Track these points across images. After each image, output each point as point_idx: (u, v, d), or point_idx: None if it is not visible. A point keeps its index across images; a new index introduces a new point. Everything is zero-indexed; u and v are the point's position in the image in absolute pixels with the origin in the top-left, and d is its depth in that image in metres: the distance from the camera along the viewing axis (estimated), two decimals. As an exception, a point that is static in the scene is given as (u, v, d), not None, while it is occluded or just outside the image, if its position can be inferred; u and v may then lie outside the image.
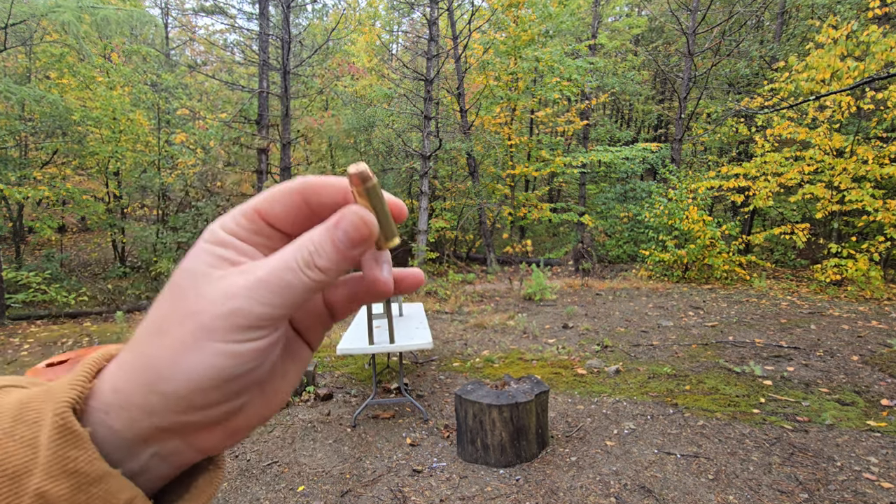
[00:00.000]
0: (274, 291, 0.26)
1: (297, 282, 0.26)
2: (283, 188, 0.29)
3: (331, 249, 0.27)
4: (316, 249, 0.27)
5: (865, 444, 2.95)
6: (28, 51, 10.35)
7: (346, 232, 0.27)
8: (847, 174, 8.41)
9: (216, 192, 12.82)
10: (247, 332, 0.26)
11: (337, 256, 0.27)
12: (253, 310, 0.25)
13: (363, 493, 2.66)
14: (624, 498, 2.51)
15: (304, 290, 0.27)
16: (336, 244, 0.27)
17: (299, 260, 0.27)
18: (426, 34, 12.00)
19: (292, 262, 0.27)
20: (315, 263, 0.27)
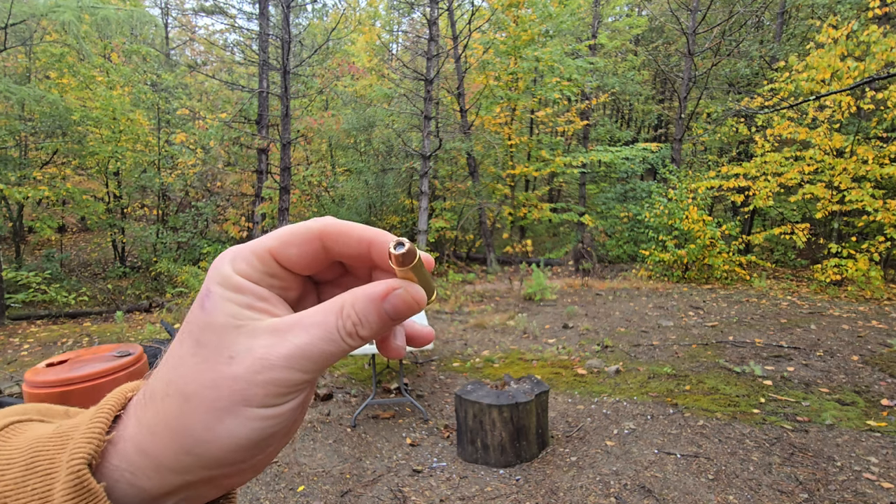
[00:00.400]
0: (314, 360, 0.26)
1: (337, 350, 0.26)
2: (300, 232, 0.28)
3: (376, 321, 0.27)
4: (360, 321, 0.27)
5: (865, 444, 2.95)
6: (28, 51, 10.35)
7: (396, 307, 0.27)
8: (847, 174, 8.41)
9: (216, 191, 12.82)
10: (285, 396, 0.25)
11: (381, 328, 0.27)
12: (292, 378, 0.25)
13: (363, 493, 2.66)
14: (624, 498, 2.51)
15: (341, 355, 0.27)
16: (383, 317, 0.27)
17: (342, 330, 0.26)
18: (426, 34, 12.00)
19: (334, 332, 0.26)
20: (358, 334, 0.27)
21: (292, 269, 0.29)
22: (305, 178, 12.08)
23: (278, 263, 0.28)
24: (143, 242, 11.23)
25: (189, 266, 8.63)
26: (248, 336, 0.25)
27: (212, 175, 12.90)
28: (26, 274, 8.12)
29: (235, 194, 12.92)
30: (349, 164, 14.37)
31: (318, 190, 13.02)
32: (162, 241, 10.97)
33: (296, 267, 0.29)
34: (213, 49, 16.23)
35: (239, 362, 0.25)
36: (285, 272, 0.29)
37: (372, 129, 13.53)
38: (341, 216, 12.63)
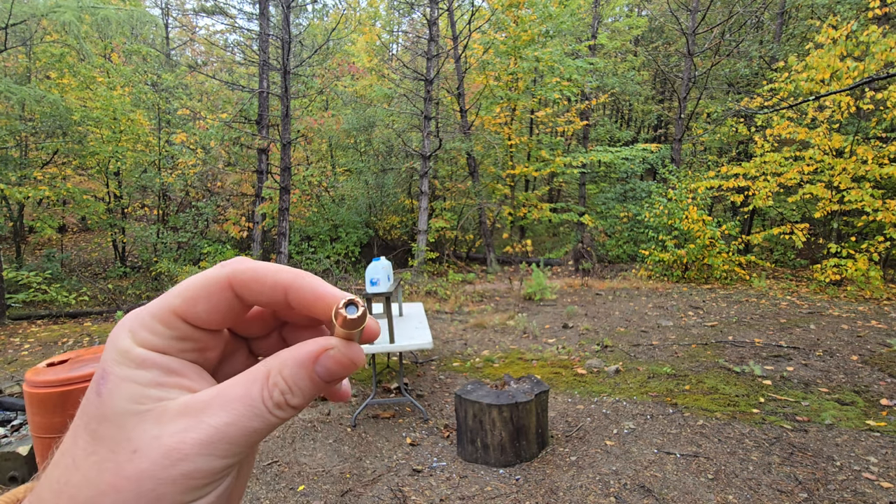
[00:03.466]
0: (237, 443, 0.22)
1: (265, 426, 0.22)
2: (204, 283, 0.24)
3: (308, 387, 0.23)
4: (290, 388, 0.23)
5: (865, 443, 2.96)
6: (28, 51, 10.36)
7: (330, 370, 0.24)
8: (846, 174, 8.42)
9: (216, 191, 12.83)
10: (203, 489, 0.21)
11: (314, 393, 0.24)
12: (213, 466, 0.21)
13: (363, 493, 2.67)
14: (624, 497, 2.51)
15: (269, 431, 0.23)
16: (316, 382, 0.24)
17: (268, 402, 0.22)
18: (426, 34, 12.00)
19: (260, 405, 0.22)
20: (288, 403, 0.23)
21: (205, 326, 0.25)
22: (305, 178, 12.09)
23: (187, 323, 0.24)
24: (143, 242, 11.23)
25: (189, 266, 8.64)
26: (155, 422, 0.21)
27: (212, 175, 12.90)
28: (27, 274, 8.12)
29: (236, 194, 12.92)
30: (349, 164, 14.38)
31: (318, 190, 13.03)
32: (162, 240, 10.98)
33: (209, 324, 0.25)
34: (213, 49, 16.23)
35: (144, 456, 0.20)
36: (198, 331, 0.25)
37: (372, 129, 13.54)
38: (341, 216, 12.65)
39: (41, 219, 10.24)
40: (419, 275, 10.30)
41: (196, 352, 0.25)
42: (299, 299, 0.25)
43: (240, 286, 0.24)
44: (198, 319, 0.24)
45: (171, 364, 0.23)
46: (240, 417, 0.22)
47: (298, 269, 0.26)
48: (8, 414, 3.38)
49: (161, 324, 0.23)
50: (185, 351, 0.24)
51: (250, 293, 0.25)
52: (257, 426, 0.22)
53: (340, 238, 12.41)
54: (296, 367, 0.23)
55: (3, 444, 2.91)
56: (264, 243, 11.94)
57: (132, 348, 0.23)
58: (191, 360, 0.25)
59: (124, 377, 0.22)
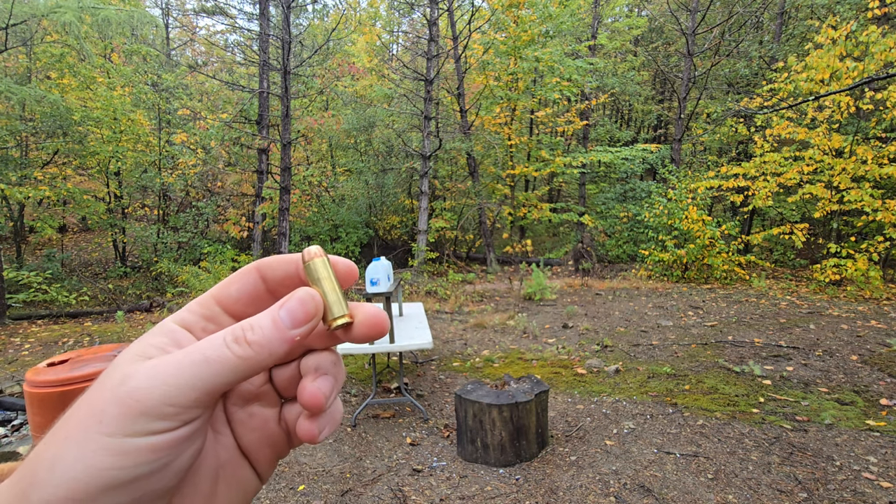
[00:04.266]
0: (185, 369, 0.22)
1: (219, 357, 0.22)
2: (238, 271, 0.28)
3: (268, 325, 0.24)
4: (251, 325, 0.24)
5: (864, 443, 2.96)
6: (29, 51, 10.36)
7: (291, 310, 0.25)
8: (846, 174, 8.42)
9: (217, 192, 12.84)
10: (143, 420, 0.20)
11: (275, 334, 0.24)
12: (153, 391, 0.21)
13: (363, 493, 2.67)
14: (623, 497, 2.52)
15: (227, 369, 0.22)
16: (276, 321, 0.24)
17: (227, 334, 0.24)
18: (426, 34, 12.01)
19: (219, 338, 0.23)
20: (246, 338, 0.23)
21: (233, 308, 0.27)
22: (306, 178, 12.09)
23: (220, 306, 0.27)
24: (143, 242, 11.24)
25: (190, 266, 8.64)
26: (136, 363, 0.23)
27: (212, 175, 12.91)
28: (27, 274, 8.13)
29: (236, 194, 12.93)
30: (349, 164, 14.39)
31: (319, 190, 13.03)
32: (163, 240, 10.98)
33: (237, 304, 0.27)
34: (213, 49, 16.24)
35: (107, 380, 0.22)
36: (226, 316, 0.27)
37: (372, 130, 13.54)
38: (341, 216, 12.66)
39: (41, 219, 10.25)
40: (419, 275, 10.30)
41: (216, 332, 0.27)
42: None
43: (264, 267, 0.28)
44: (229, 300, 0.27)
45: (183, 338, 0.25)
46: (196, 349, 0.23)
47: None
48: (8, 414, 3.38)
49: (197, 304, 0.27)
50: (207, 331, 0.26)
51: (271, 271, 0.28)
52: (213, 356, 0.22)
53: (340, 238, 12.41)
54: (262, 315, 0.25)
55: (4, 444, 2.92)
56: (264, 243, 11.94)
57: (166, 323, 0.26)
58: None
59: (142, 340, 0.24)
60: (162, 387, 0.21)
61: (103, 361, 2.19)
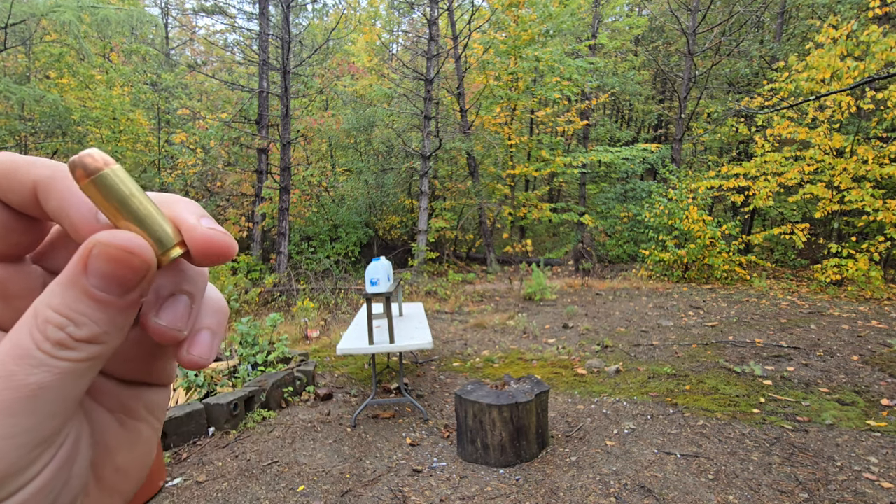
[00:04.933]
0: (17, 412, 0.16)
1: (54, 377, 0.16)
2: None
3: (91, 307, 0.17)
4: (69, 318, 0.17)
5: (865, 443, 2.95)
6: (28, 50, 10.36)
7: (105, 274, 0.17)
8: (847, 174, 8.41)
9: (216, 191, 12.83)
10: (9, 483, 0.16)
11: (105, 314, 0.18)
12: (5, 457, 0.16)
13: (363, 493, 2.66)
14: (624, 498, 2.51)
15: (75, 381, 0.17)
16: (96, 296, 0.17)
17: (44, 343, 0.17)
18: (426, 34, 12.00)
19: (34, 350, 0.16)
20: (73, 337, 0.17)
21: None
22: (305, 177, 12.09)
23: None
24: (143, 242, 11.21)
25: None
26: None
27: (212, 175, 12.90)
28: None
29: (235, 194, 12.92)
30: (349, 164, 14.38)
31: (318, 190, 13.02)
32: (162, 240, 10.96)
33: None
34: (213, 49, 16.22)
35: None
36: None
37: (372, 129, 13.54)
38: (341, 216, 12.65)
39: (41, 219, 10.23)
40: (419, 275, 10.29)
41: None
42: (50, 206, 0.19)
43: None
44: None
45: None
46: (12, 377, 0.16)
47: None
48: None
49: None
50: None
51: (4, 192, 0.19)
52: (43, 380, 0.16)
53: (340, 238, 12.41)
54: (64, 290, 0.17)
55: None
56: (264, 243, 11.94)
57: None
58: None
59: None
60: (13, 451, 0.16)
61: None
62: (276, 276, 9.12)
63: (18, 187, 0.19)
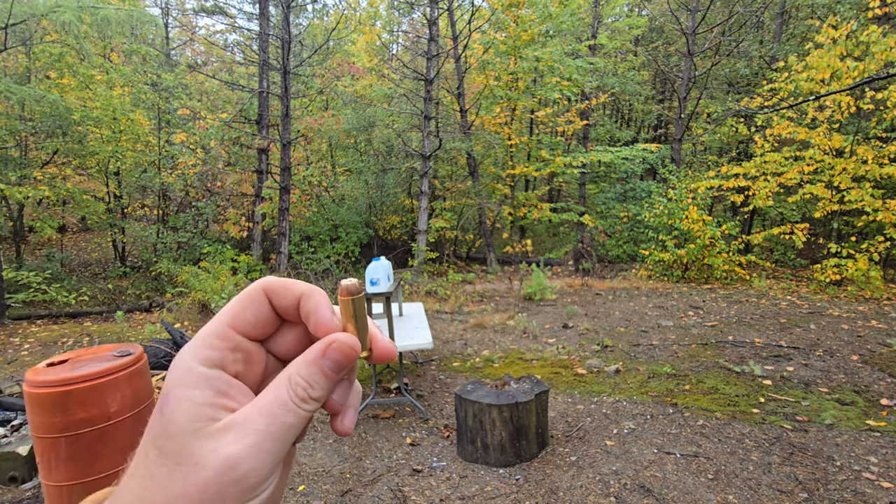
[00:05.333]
0: (279, 439, 0.26)
1: (297, 420, 0.27)
2: (245, 293, 0.30)
3: (322, 379, 0.28)
4: (309, 384, 0.28)
5: (865, 443, 2.96)
6: (28, 51, 10.35)
7: (335, 361, 0.28)
8: (847, 174, 8.42)
9: (216, 191, 12.83)
10: (258, 488, 0.25)
11: (329, 384, 0.29)
12: (264, 465, 0.25)
13: (363, 493, 2.67)
14: (624, 497, 2.51)
15: (304, 423, 0.27)
16: (327, 373, 0.28)
17: (295, 399, 0.27)
18: (426, 34, 12.00)
19: (289, 402, 0.27)
20: (311, 397, 0.27)
21: (251, 334, 0.30)
22: (305, 177, 12.09)
23: (239, 333, 0.29)
24: (143, 242, 11.23)
25: (189, 266, 8.64)
26: (209, 438, 0.25)
27: (212, 175, 12.90)
28: (27, 274, 8.12)
29: (236, 194, 12.92)
30: (349, 164, 14.38)
31: (318, 190, 13.02)
32: (162, 240, 10.98)
33: (254, 330, 0.30)
34: (213, 49, 16.23)
35: (206, 466, 0.24)
36: (247, 342, 0.29)
37: (372, 129, 13.54)
38: (341, 216, 12.65)
39: (41, 219, 10.24)
40: (419, 275, 10.30)
41: (245, 363, 0.29)
42: (305, 309, 0.30)
43: (271, 292, 0.30)
44: (247, 325, 0.29)
45: (222, 385, 0.27)
46: (276, 417, 0.26)
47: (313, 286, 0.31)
48: (8, 414, 3.38)
49: (218, 338, 0.28)
50: (238, 363, 0.29)
51: (278, 298, 0.30)
52: (292, 421, 0.26)
53: (340, 238, 12.41)
54: (308, 366, 0.28)
55: (3, 444, 2.91)
56: (264, 243, 11.94)
57: (193, 368, 0.27)
58: (240, 372, 0.29)
59: (183, 397, 0.26)
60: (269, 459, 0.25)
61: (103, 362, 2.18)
62: (277, 276, 9.10)
63: (289, 296, 0.30)
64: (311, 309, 0.29)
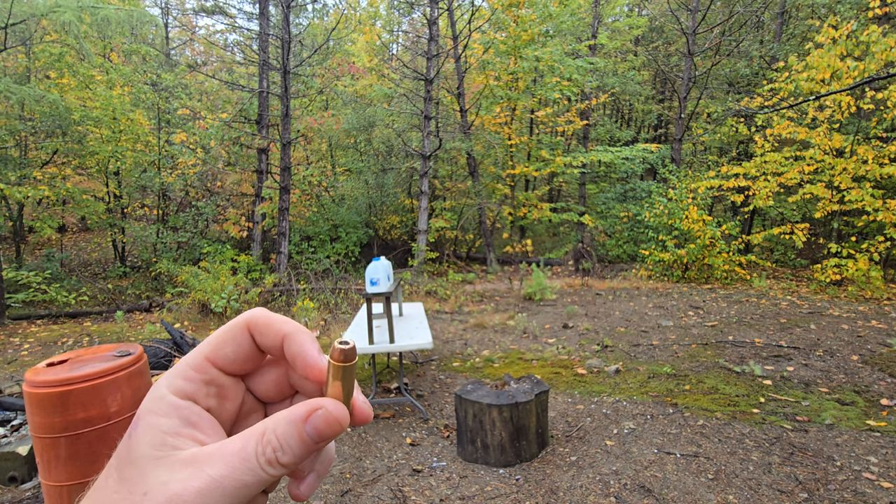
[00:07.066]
0: (228, 494, 0.24)
1: (255, 480, 0.25)
2: (230, 327, 0.29)
3: (298, 445, 0.26)
4: (281, 446, 0.25)
5: (865, 443, 2.96)
6: (28, 50, 10.35)
7: (319, 430, 0.26)
8: (847, 174, 8.41)
9: (216, 191, 12.83)
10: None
11: (303, 452, 0.26)
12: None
13: (363, 493, 2.66)
14: (624, 497, 2.51)
15: (261, 486, 0.25)
16: (305, 441, 0.26)
17: (261, 458, 0.25)
18: (426, 34, 12.00)
19: (252, 459, 0.25)
20: (279, 460, 0.25)
21: (230, 369, 0.29)
22: (305, 177, 12.08)
23: (216, 367, 0.28)
24: (143, 242, 11.23)
25: (189, 266, 8.64)
26: (167, 469, 0.24)
27: (212, 175, 12.90)
28: (26, 274, 8.12)
29: (235, 194, 12.92)
30: (349, 164, 14.38)
31: (318, 190, 13.02)
32: (162, 240, 10.97)
33: (233, 365, 0.29)
34: (213, 49, 16.22)
35: (152, 498, 0.23)
36: (224, 377, 0.29)
37: (372, 129, 13.53)
38: (341, 216, 12.65)
39: (41, 219, 10.24)
40: (419, 275, 10.29)
41: (218, 398, 0.29)
42: (290, 350, 0.29)
43: (254, 328, 0.29)
44: (225, 360, 0.29)
45: (191, 416, 0.27)
46: (234, 470, 0.24)
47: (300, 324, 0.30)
48: (8, 414, 3.38)
49: (194, 370, 0.28)
50: (210, 395, 0.28)
51: (261, 336, 0.29)
52: (249, 480, 0.25)
53: (340, 238, 12.41)
54: (287, 426, 0.26)
55: (3, 444, 2.91)
56: (264, 243, 11.94)
57: (165, 396, 0.26)
58: (212, 406, 0.28)
59: (151, 424, 0.25)
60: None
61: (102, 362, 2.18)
62: (276, 276, 9.12)
63: (272, 334, 0.28)
64: (296, 352, 0.28)
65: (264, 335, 0.28)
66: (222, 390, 0.29)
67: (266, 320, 0.29)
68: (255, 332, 0.29)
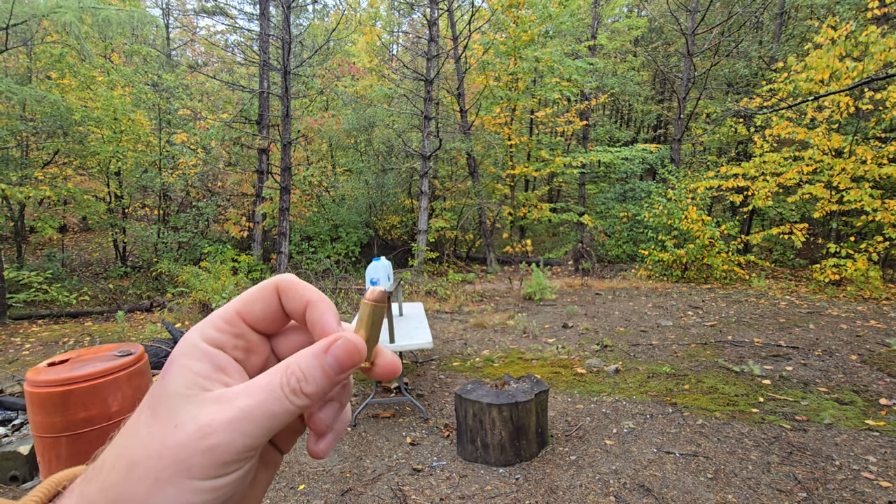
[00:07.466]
0: (257, 423, 0.25)
1: (282, 410, 0.26)
2: (261, 287, 0.30)
3: (319, 375, 0.27)
4: (304, 376, 0.27)
5: (864, 443, 2.97)
6: (29, 51, 10.36)
7: (338, 358, 0.28)
8: (846, 174, 8.43)
9: (217, 191, 12.84)
10: (228, 466, 0.25)
11: (325, 382, 0.28)
12: (235, 443, 0.25)
13: (363, 492, 2.67)
14: (623, 497, 2.52)
15: (288, 416, 0.26)
16: (325, 370, 0.27)
17: (286, 388, 0.26)
18: (426, 35, 12.01)
19: (278, 390, 0.26)
20: (302, 390, 0.27)
21: (258, 326, 0.30)
22: (306, 178, 12.09)
23: (245, 323, 0.30)
24: (144, 242, 11.24)
25: (190, 266, 8.65)
26: (197, 404, 0.25)
27: (213, 175, 12.91)
28: (28, 274, 8.13)
29: (236, 194, 12.93)
30: (349, 164, 14.39)
31: (319, 190, 13.04)
32: (163, 240, 10.99)
33: (259, 323, 0.30)
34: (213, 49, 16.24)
35: (182, 429, 0.25)
36: (252, 332, 0.30)
37: (372, 130, 13.55)
38: (341, 216, 12.66)
39: (42, 219, 10.25)
40: (419, 275, 10.31)
41: (245, 351, 0.30)
42: (311, 316, 0.30)
43: (283, 291, 0.30)
44: (254, 317, 0.30)
45: (222, 361, 0.28)
46: (262, 401, 0.26)
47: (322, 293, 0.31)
48: (9, 413, 3.39)
49: (225, 322, 0.29)
50: (238, 348, 0.30)
51: (287, 300, 0.30)
52: (276, 409, 0.26)
53: (340, 238, 12.42)
54: (309, 358, 0.28)
55: (4, 444, 2.92)
56: (265, 243, 11.95)
57: (198, 343, 0.28)
58: (239, 358, 0.30)
59: (183, 366, 0.27)
60: (241, 440, 0.25)
61: (103, 361, 2.19)
62: (277, 276, 9.11)
63: (297, 299, 0.30)
64: (317, 318, 0.30)
65: (290, 299, 0.30)
66: (250, 345, 0.30)
67: (293, 285, 0.30)
68: (282, 294, 0.30)
